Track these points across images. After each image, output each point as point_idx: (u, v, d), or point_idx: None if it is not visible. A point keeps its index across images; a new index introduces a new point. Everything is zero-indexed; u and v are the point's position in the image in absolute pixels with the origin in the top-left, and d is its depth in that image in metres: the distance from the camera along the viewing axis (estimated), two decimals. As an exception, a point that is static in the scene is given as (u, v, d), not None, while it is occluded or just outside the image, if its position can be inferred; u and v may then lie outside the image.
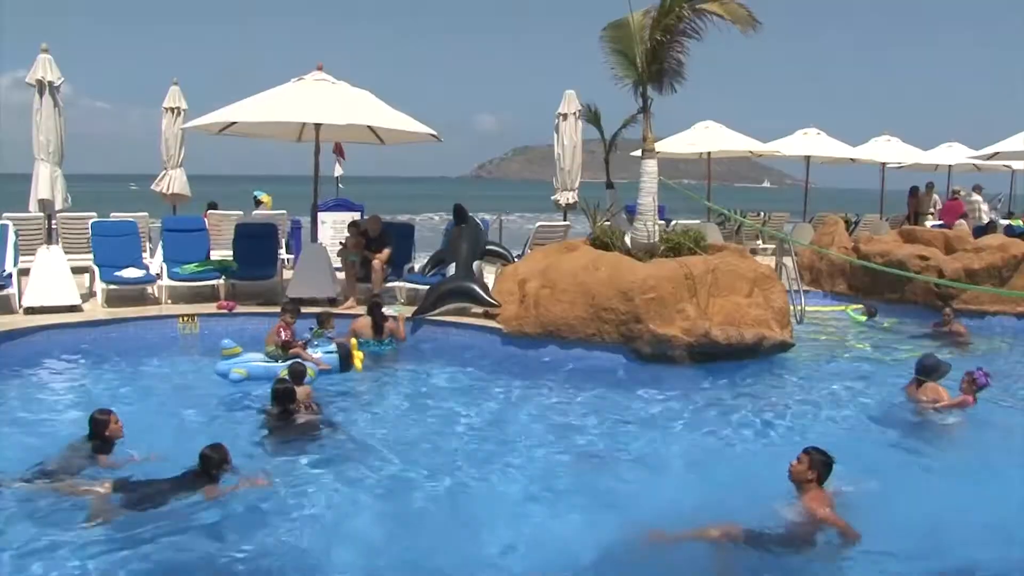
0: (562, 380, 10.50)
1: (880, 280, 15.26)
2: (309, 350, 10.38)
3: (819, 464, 6.26)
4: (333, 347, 10.60)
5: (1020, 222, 23.61)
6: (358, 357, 10.70)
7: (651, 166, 12.85)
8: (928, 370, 9.44)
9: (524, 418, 9.07)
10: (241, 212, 17.31)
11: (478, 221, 14.11)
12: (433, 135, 13.48)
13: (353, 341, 10.94)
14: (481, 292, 12.13)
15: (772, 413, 9.45)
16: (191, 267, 13.21)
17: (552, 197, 17.59)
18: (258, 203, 18.11)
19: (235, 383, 9.70)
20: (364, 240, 13.25)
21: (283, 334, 10.26)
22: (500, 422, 8.93)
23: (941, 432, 8.93)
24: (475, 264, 12.94)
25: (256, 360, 10.06)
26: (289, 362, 9.57)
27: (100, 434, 7.10)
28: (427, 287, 12.72)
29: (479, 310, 12.17)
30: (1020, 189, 30.35)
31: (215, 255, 14.35)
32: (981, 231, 19.64)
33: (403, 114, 13.17)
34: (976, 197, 25.88)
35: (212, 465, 6.57)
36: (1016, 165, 27.01)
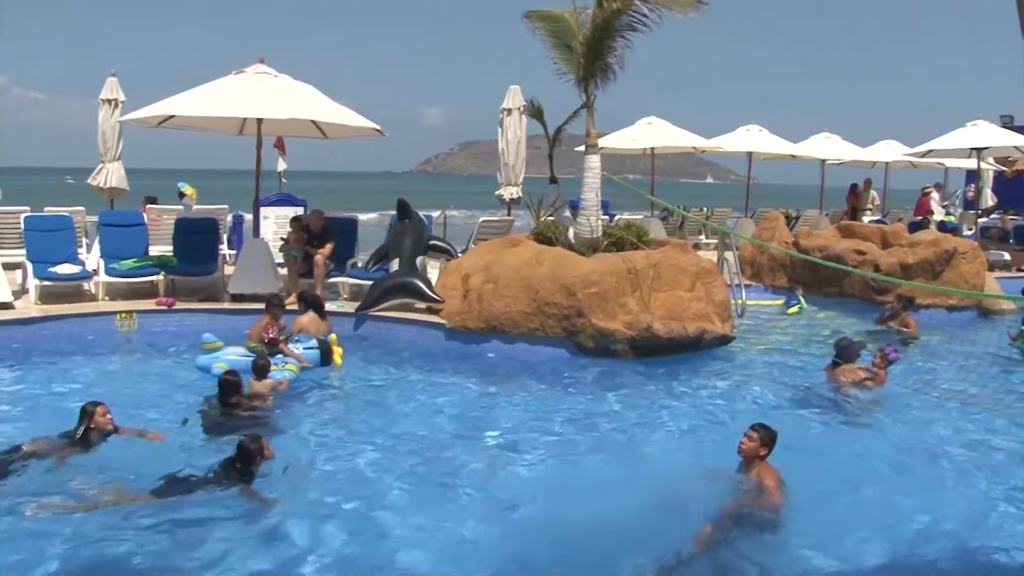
0: (505, 374, 10.54)
1: (819, 274, 15.52)
2: (291, 346, 10.36)
3: (768, 439, 6.63)
4: (314, 343, 10.60)
5: (953, 219, 24.18)
6: (337, 352, 10.75)
7: (594, 161, 12.90)
8: (843, 351, 10.11)
9: (467, 413, 9.07)
10: (181, 207, 17.04)
11: (421, 216, 14.06)
12: (376, 129, 13.39)
13: (333, 336, 10.96)
14: (424, 287, 12.09)
15: (712, 404, 9.62)
16: (129, 263, 12.96)
17: (496, 192, 17.61)
18: (182, 195, 17.78)
19: (216, 377, 9.56)
20: (306, 235, 13.12)
21: (271, 331, 10.29)
22: (443, 418, 8.90)
23: (858, 408, 9.47)
24: (418, 259, 12.89)
25: (238, 354, 9.99)
26: (276, 357, 9.74)
27: (85, 425, 7.15)
28: (370, 282, 12.63)
29: (422, 305, 12.12)
30: (953, 185, 31.04)
31: (154, 251, 14.07)
32: (916, 227, 20.08)
33: (346, 108, 13.07)
34: (935, 195, 26.61)
35: (249, 458, 6.55)
36: (949, 163, 27.59)
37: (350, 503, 6.61)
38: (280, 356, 10.04)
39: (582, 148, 13.44)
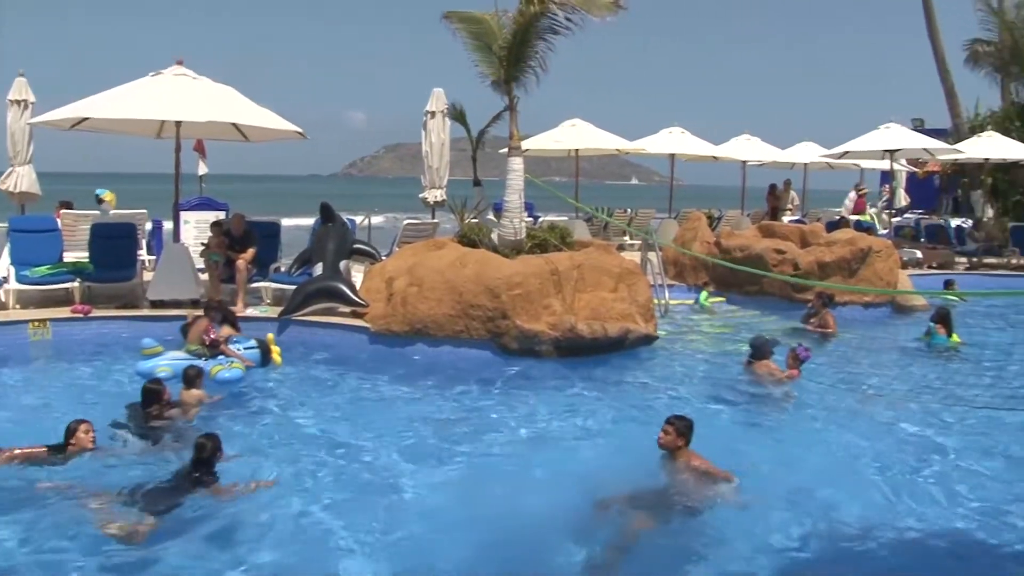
0: (430, 377, 10.49)
1: (739, 273, 15.79)
2: (231, 346, 10.36)
3: (684, 429, 6.94)
4: (253, 343, 10.62)
5: (869, 218, 24.83)
6: (276, 351, 10.77)
7: (517, 164, 12.94)
8: (758, 349, 10.62)
9: (392, 416, 9.02)
10: (98, 212, 16.63)
11: (344, 220, 13.96)
12: (298, 132, 13.26)
13: (270, 336, 10.96)
14: (348, 291, 12.01)
15: (636, 402, 9.76)
16: (42, 270, 12.63)
17: (420, 195, 17.57)
18: (100, 201, 17.37)
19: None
20: (228, 240, 12.92)
21: (212, 333, 10.22)
22: (367, 421, 8.84)
23: (773, 402, 9.96)
24: (342, 263, 12.80)
25: (180, 358, 9.92)
26: (219, 358, 9.89)
27: (66, 441, 7.14)
28: (293, 287, 12.50)
29: (346, 309, 12.05)
30: (868, 186, 31.86)
31: (69, 257, 13.74)
32: (834, 226, 20.57)
33: (268, 111, 12.91)
34: (852, 194, 27.35)
35: (207, 454, 6.49)
36: (865, 164, 28.34)
37: (275, 510, 6.52)
38: (223, 357, 10.12)
39: (506, 150, 13.48)
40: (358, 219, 16.57)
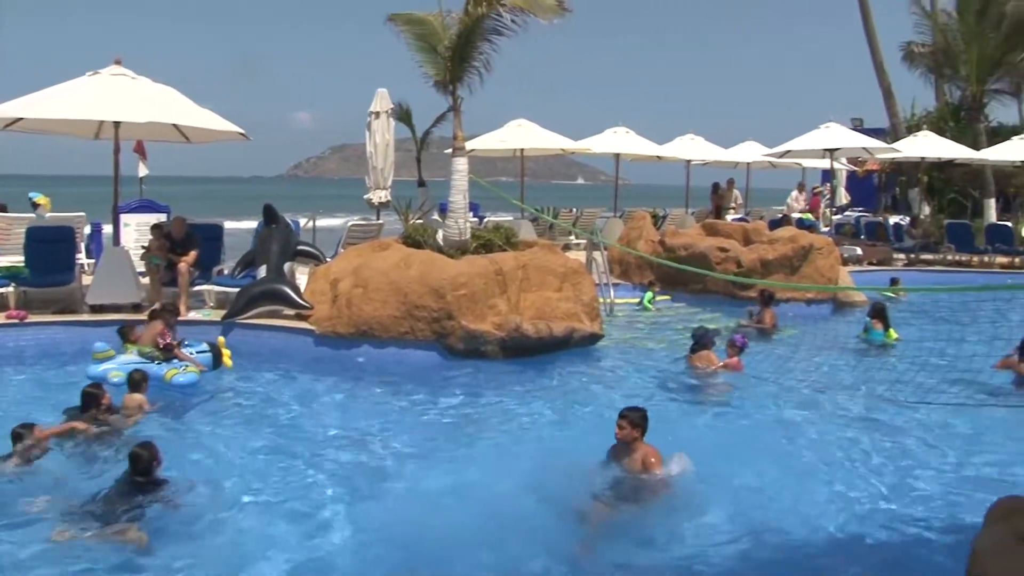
0: (376, 379, 10.46)
1: (685, 272, 15.95)
2: (183, 350, 10.30)
3: (638, 420, 7.02)
4: (205, 347, 10.58)
5: (810, 216, 25.25)
6: (226, 355, 10.74)
7: (461, 164, 12.94)
8: (700, 340, 10.98)
9: (338, 419, 8.97)
10: (34, 216, 16.28)
11: (288, 221, 13.83)
12: (241, 134, 13.13)
13: (221, 339, 10.96)
14: (292, 293, 11.91)
15: (582, 399, 9.85)
16: (-26, 274, 12.35)
17: (365, 196, 17.48)
18: (35, 205, 16.97)
19: (116, 387, 9.17)
20: (168, 243, 12.74)
21: (166, 336, 10.14)
22: (313, 424, 8.79)
23: (714, 391, 10.35)
24: (286, 265, 12.70)
25: (132, 362, 9.78)
26: (173, 362, 9.85)
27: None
28: (237, 290, 12.36)
29: (291, 312, 11.94)
30: (809, 185, 32.37)
31: (3, 261, 13.44)
32: (776, 224, 20.87)
33: (209, 111, 12.76)
34: (794, 194, 27.78)
35: (144, 464, 6.38)
36: (806, 163, 28.81)
37: (216, 514, 6.46)
38: (177, 360, 10.07)
39: (451, 151, 13.46)
40: (302, 221, 16.44)
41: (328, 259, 13.66)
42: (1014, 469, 7.77)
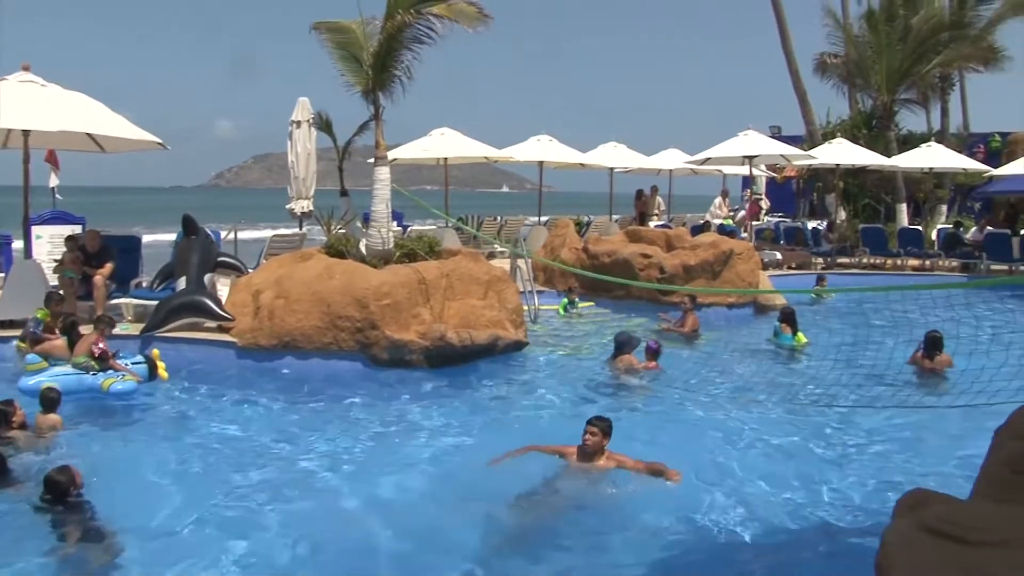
0: (300, 391, 10.36)
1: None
2: (119, 361, 10.20)
3: (608, 429, 7.29)
4: (140, 358, 10.54)
5: (731, 222, 25.72)
6: (161, 367, 10.63)
7: (383, 173, 12.90)
8: (621, 345, 11.33)
9: (262, 432, 8.85)
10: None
11: (208, 232, 13.63)
12: (159, 143, 12.91)
13: (155, 351, 10.83)
14: (213, 305, 11.74)
15: (508, 406, 9.97)
16: None
17: (287, 206, 17.32)
18: None
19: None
20: (83, 255, 12.45)
21: (102, 345, 10.03)
22: (236, 438, 8.67)
23: (635, 393, 10.62)
24: (207, 277, 12.50)
25: (66, 373, 9.68)
26: (108, 372, 9.80)
27: None
28: (155, 303, 12.14)
29: (212, 324, 11.77)
30: (730, 192, 32.99)
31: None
32: (698, 230, 21.23)
33: (125, 119, 12.51)
34: (717, 200, 28.33)
35: (61, 491, 6.23)
36: (727, 169, 29.35)
37: (138, 535, 6.33)
38: (112, 371, 10.00)
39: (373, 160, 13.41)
40: (223, 232, 16.21)
41: (250, 270, 13.51)
42: (922, 464, 8.06)
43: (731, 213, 27.32)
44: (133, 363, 10.43)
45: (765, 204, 31.42)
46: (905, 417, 9.29)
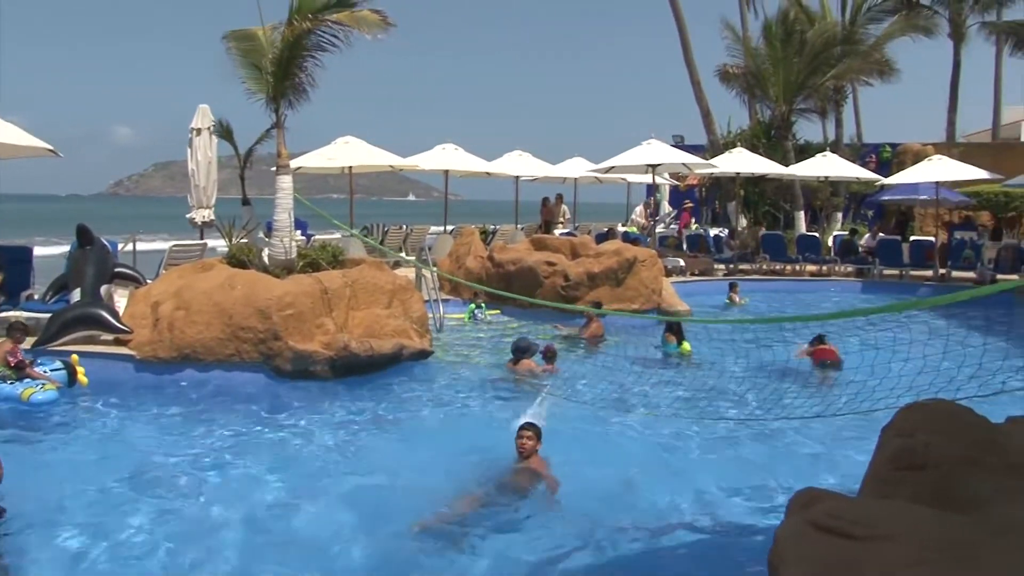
0: (201, 404, 10.14)
1: (514, 286, 16.23)
2: (36, 368, 10.00)
3: (540, 434, 7.53)
4: (59, 364, 10.28)
5: (635, 229, 26.11)
6: (80, 372, 10.42)
7: (286, 182, 12.77)
8: (520, 350, 11.64)
9: (162, 447, 8.63)
10: None
11: (105, 243, 13.25)
12: (50, 150, 12.52)
13: (74, 357, 10.55)
14: (109, 317, 11.41)
15: (411, 414, 9.96)
16: None
17: (187, 215, 16.95)
18: None
19: None
20: (-31, 267, 12.01)
21: (18, 354, 9.86)
22: (135, 453, 8.42)
23: (534, 393, 10.49)
24: (103, 288, 12.15)
25: None
26: (26, 381, 9.73)
27: None
28: (48, 315, 11.75)
29: (109, 337, 11.44)
30: (635, 200, 33.56)
31: None
32: (603, 237, 21.50)
33: (12, 125, 12.10)
34: (639, 210, 28.80)
35: None
36: (631, 178, 29.80)
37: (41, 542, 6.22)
38: (30, 379, 9.83)
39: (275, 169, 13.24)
40: (120, 244, 15.79)
41: (149, 281, 13.18)
42: (815, 463, 8.34)
43: (651, 222, 27.71)
44: (52, 370, 10.20)
45: (670, 211, 32.02)
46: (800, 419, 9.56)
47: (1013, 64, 39.58)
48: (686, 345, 13.23)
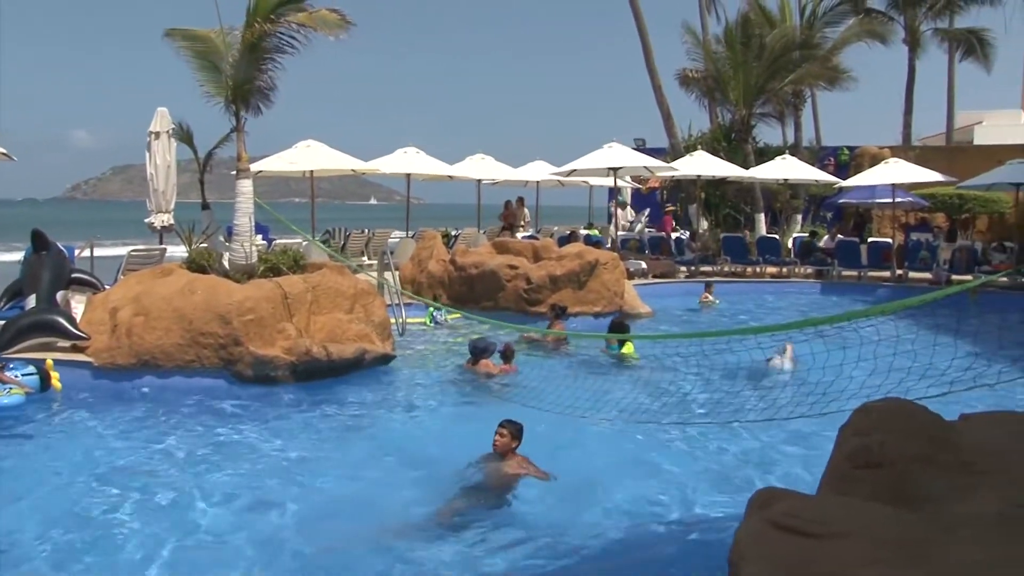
0: (161, 410, 10.02)
1: (476, 289, 16.26)
2: (8, 373, 9.77)
3: (516, 432, 7.54)
4: (32, 368, 10.09)
5: (597, 232, 26.21)
6: (54, 377, 10.27)
7: (246, 186, 12.67)
8: (478, 350, 11.75)
9: (122, 455, 8.51)
10: None
11: (61, 248, 13.08)
12: (3, 154, 12.34)
13: (49, 361, 10.37)
14: (66, 324, 11.25)
15: (371, 419, 9.95)
16: None
17: (146, 220, 16.78)
18: None
19: None
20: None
21: None
22: (95, 462, 8.31)
23: (493, 392, 10.98)
24: (59, 294, 12.00)
25: None
26: None
27: None
28: (2, 322, 11.57)
29: (66, 344, 11.29)
30: (596, 203, 33.67)
31: None
32: (565, 240, 21.56)
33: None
34: (620, 212, 28.90)
35: None
36: (593, 181, 29.92)
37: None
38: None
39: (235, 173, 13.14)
40: (77, 250, 15.59)
41: (107, 287, 13.03)
42: (775, 463, 8.43)
43: (631, 223, 27.85)
44: (24, 375, 10.03)
45: (632, 214, 32.19)
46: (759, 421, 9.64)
47: (965, 69, 40.41)
48: (629, 346, 13.16)
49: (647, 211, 32.90)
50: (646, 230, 29.56)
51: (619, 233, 26.31)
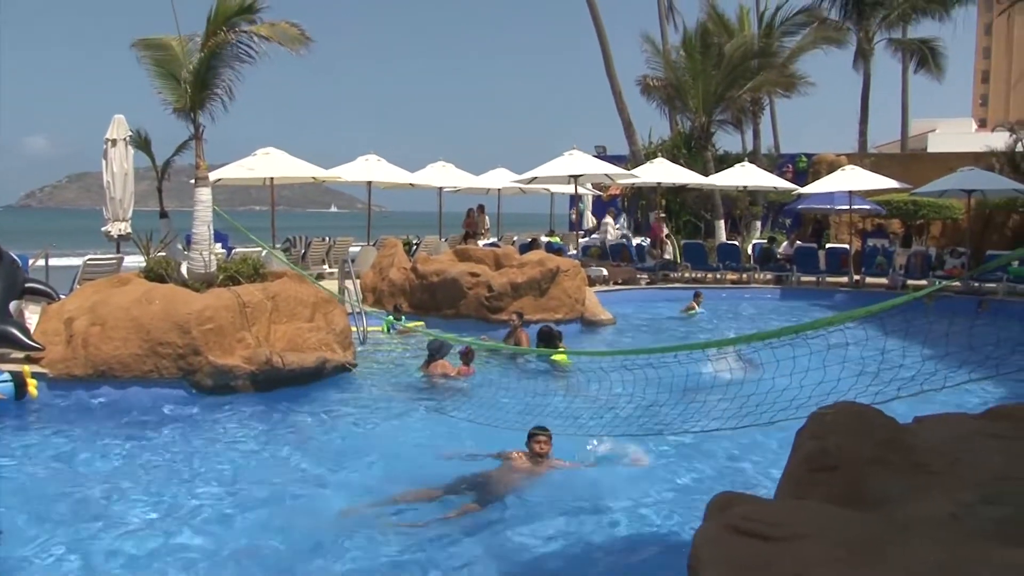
0: (118, 422, 9.89)
1: (438, 297, 16.24)
2: None
3: (551, 436, 7.91)
4: (7, 375, 9.97)
5: (558, 239, 26.29)
6: (32, 384, 10.17)
7: (205, 194, 12.59)
8: (433, 351, 12.00)
9: (78, 468, 8.42)
10: None
11: (14, 257, 12.87)
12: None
13: (25, 368, 10.28)
14: (19, 334, 11.05)
15: (332, 428, 9.91)
16: None
17: (103, 228, 16.57)
18: None
19: None
20: None
21: None
22: (50, 475, 8.19)
23: (450, 393, 11.32)
24: (12, 304, 11.80)
25: None
26: None
27: None
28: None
29: (19, 355, 11.11)
30: (558, 210, 33.78)
31: None
32: (526, 248, 21.59)
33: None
34: (608, 219, 28.97)
35: None
36: (554, 188, 30.03)
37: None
38: None
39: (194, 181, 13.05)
40: (31, 259, 15.35)
41: (62, 296, 12.84)
42: (733, 468, 8.52)
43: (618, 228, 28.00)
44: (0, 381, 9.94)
45: (593, 221, 32.32)
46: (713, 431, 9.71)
47: (918, 79, 41.14)
48: (562, 356, 12.94)
49: (622, 216, 33.11)
50: (635, 240, 29.67)
51: (581, 240, 26.41)
